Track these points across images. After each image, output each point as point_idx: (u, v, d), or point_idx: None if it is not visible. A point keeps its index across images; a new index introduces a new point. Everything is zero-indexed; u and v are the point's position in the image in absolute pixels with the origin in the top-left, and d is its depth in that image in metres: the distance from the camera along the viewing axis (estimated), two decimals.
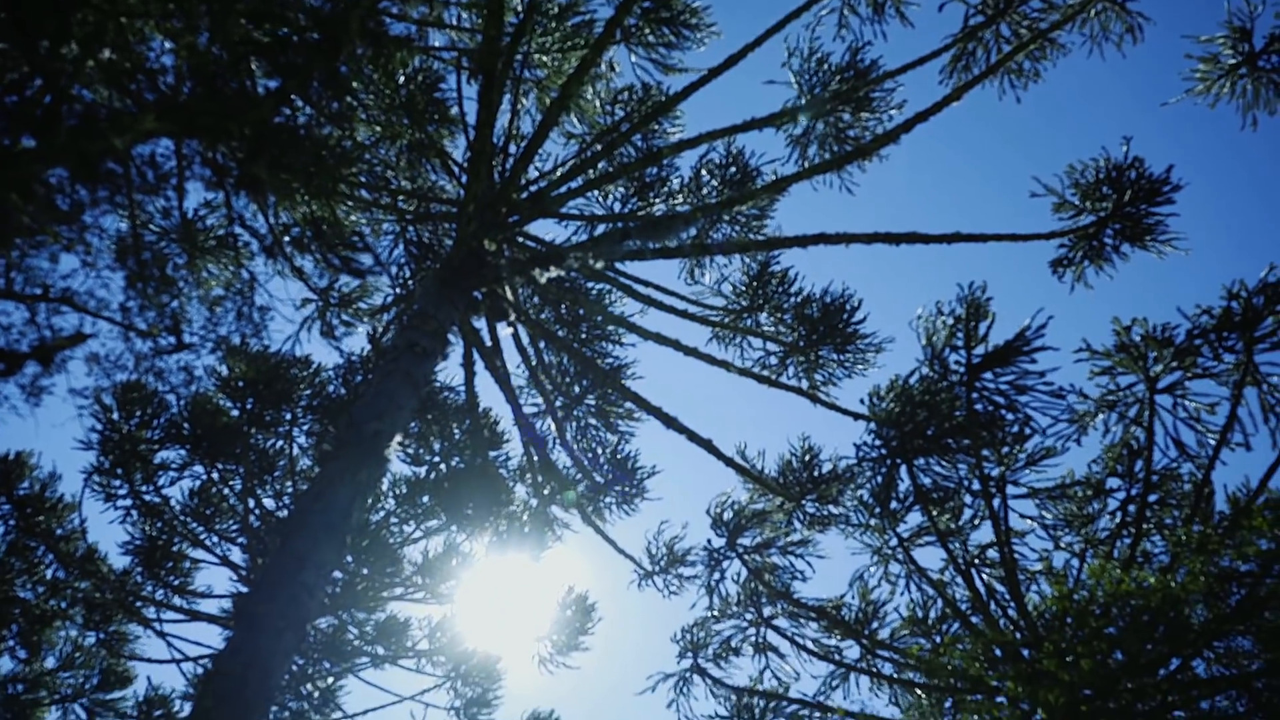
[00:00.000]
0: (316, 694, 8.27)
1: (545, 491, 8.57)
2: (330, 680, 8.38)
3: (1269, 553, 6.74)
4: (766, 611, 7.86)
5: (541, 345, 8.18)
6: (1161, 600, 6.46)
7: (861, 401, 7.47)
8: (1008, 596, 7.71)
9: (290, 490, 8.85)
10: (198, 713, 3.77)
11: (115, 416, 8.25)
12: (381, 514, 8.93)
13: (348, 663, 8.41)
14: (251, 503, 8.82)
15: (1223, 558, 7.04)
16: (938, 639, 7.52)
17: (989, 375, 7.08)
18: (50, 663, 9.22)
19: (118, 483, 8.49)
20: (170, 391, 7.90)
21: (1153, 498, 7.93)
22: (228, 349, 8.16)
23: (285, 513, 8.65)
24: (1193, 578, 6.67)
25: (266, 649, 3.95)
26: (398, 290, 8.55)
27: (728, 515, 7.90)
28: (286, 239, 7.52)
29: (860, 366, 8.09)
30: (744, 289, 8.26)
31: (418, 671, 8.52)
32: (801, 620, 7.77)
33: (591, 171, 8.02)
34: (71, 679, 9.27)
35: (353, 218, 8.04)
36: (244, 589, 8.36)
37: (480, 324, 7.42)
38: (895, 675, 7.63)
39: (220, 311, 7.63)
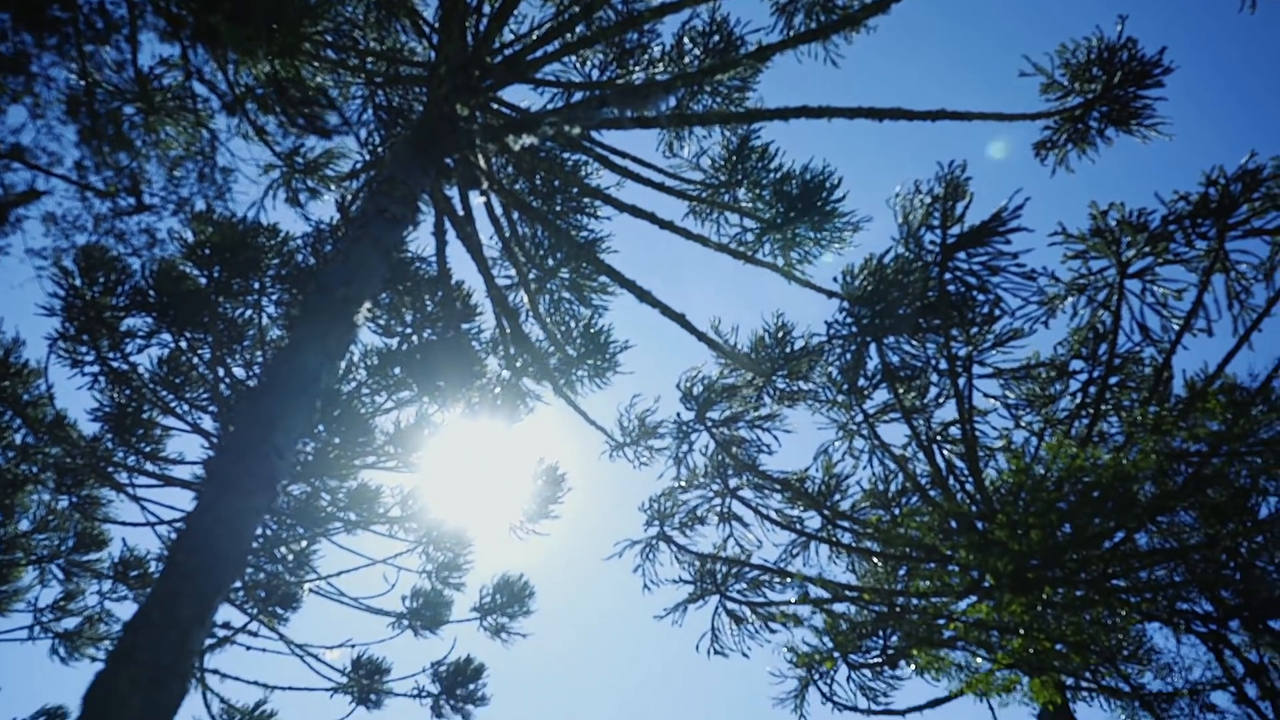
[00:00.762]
0: (290, 557, 8.45)
1: (518, 364, 8.59)
2: (304, 544, 8.54)
3: (1218, 434, 6.96)
4: (732, 483, 8.06)
5: (515, 216, 8.04)
6: (1113, 477, 6.67)
7: (835, 280, 7.48)
8: (966, 472, 7.95)
9: (260, 360, 8.79)
10: (171, 568, 3.82)
11: (78, 282, 8.06)
12: (353, 384, 8.92)
13: (320, 528, 8.54)
14: (221, 372, 8.76)
15: (1174, 439, 7.26)
16: (896, 511, 7.78)
17: (962, 255, 7.07)
18: (24, 525, 9.33)
19: (84, 349, 8.36)
20: (133, 255, 7.70)
21: (1114, 380, 8.11)
22: (192, 213, 7.95)
23: (255, 382, 8.62)
24: (1144, 456, 6.89)
25: (237, 508, 3.98)
26: (366, 156, 8.30)
27: (698, 389, 7.99)
28: (249, 102, 7.23)
29: (837, 245, 8.04)
30: (723, 163, 8.10)
31: (390, 537, 8.70)
32: (766, 491, 7.99)
33: (569, 35, 7.70)
34: (47, 541, 9.40)
35: (319, 79, 7.72)
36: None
37: (452, 192, 7.25)
38: (854, 544, 7.91)
39: (181, 173, 7.38)
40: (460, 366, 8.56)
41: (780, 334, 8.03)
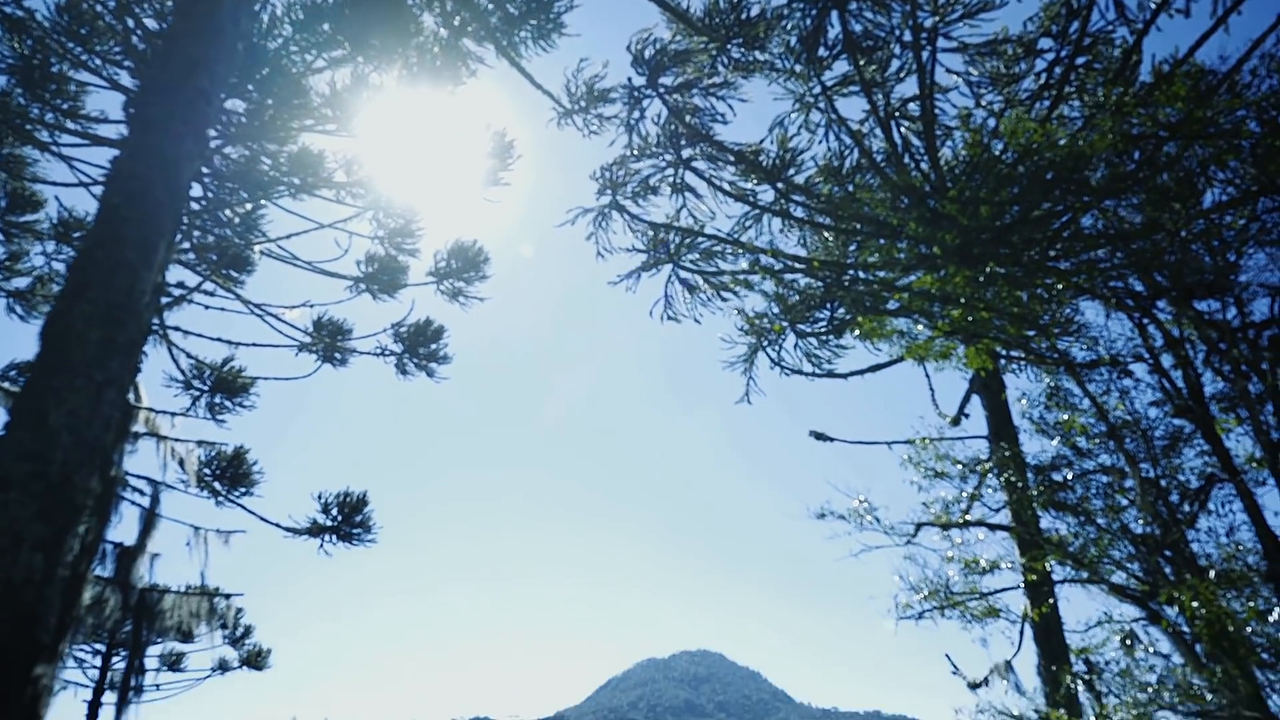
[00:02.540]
0: (237, 220, 8.27)
1: (455, 22, 7.96)
2: (249, 207, 8.34)
3: (1178, 124, 6.89)
4: (685, 153, 7.89)
5: None
6: (1067, 156, 6.67)
7: None
8: (922, 150, 7.88)
9: (171, 7, 8.01)
10: (107, 211, 3.69)
11: None
12: (279, 40, 8.24)
13: (264, 192, 8.30)
14: (131, 23, 7.99)
15: (1134, 124, 7.19)
16: (850, 186, 7.78)
17: None
18: None
19: None
20: None
21: (1081, 61, 7.85)
22: None
23: (170, 28, 7.90)
24: (1101, 138, 6.85)
25: (168, 152, 3.79)
26: None
27: (649, 53, 7.55)
28: None
29: None
30: None
31: (337, 203, 8.49)
32: (720, 163, 7.86)
33: None
34: None
35: None
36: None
37: None
38: (807, 218, 7.98)
39: None
40: (393, 22, 7.90)
41: None
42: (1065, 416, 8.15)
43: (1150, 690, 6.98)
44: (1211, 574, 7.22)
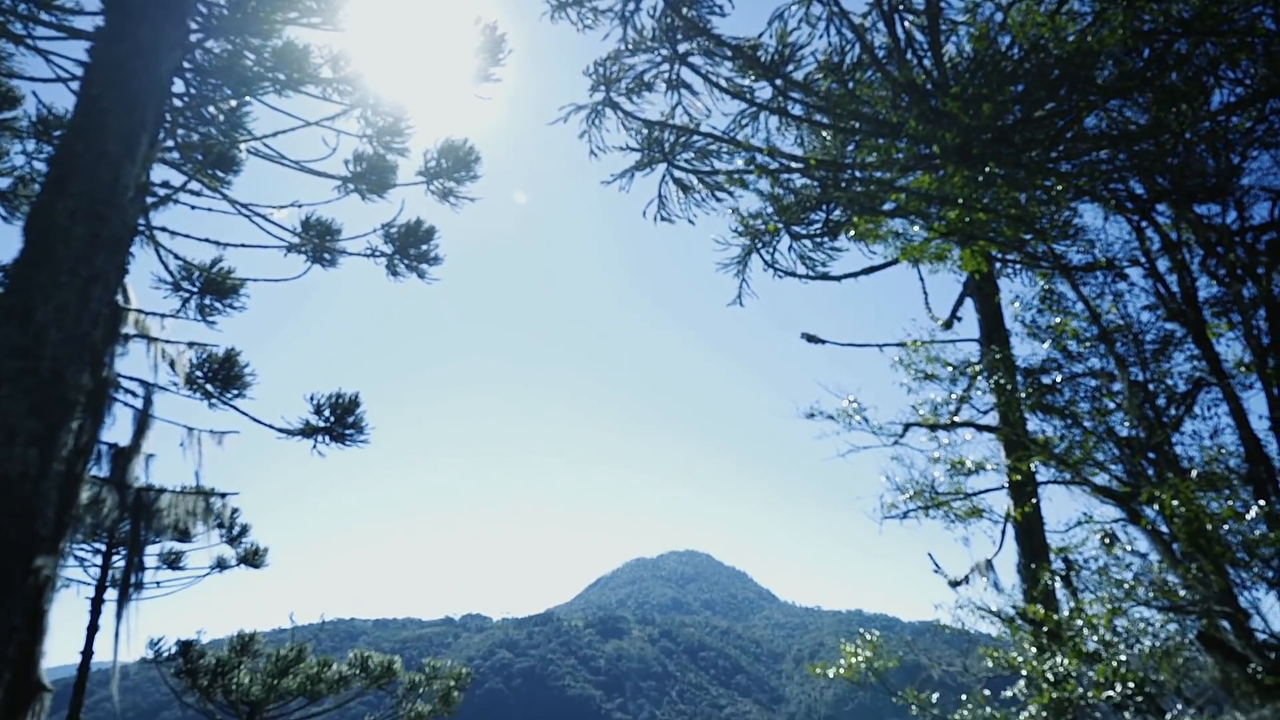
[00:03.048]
0: (221, 117, 8.05)
1: None
2: (233, 104, 8.10)
3: (1191, 19, 6.68)
4: (682, 48, 7.63)
5: None
6: (1075, 53, 6.48)
7: None
8: (926, 46, 7.65)
9: None
10: (85, 104, 3.59)
11: None
12: None
13: (248, 88, 8.05)
14: None
15: (1146, 20, 6.97)
16: (850, 83, 7.57)
17: None
18: None
19: None
20: None
21: None
22: None
23: None
24: (1111, 33, 6.64)
25: (147, 40, 3.65)
26: None
27: None
28: None
29: None
30: None
31: (324, 99, 8.25)
32: (717, 58, 7.62)
33: None
34: None
35: None
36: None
37: None
38: (805, 116, 7.79)
39: None
40: None
41: None
42: (1057, 320, 8.16)
43: (1125, 586, 7.19)
44: (1194, 474, 7.36)
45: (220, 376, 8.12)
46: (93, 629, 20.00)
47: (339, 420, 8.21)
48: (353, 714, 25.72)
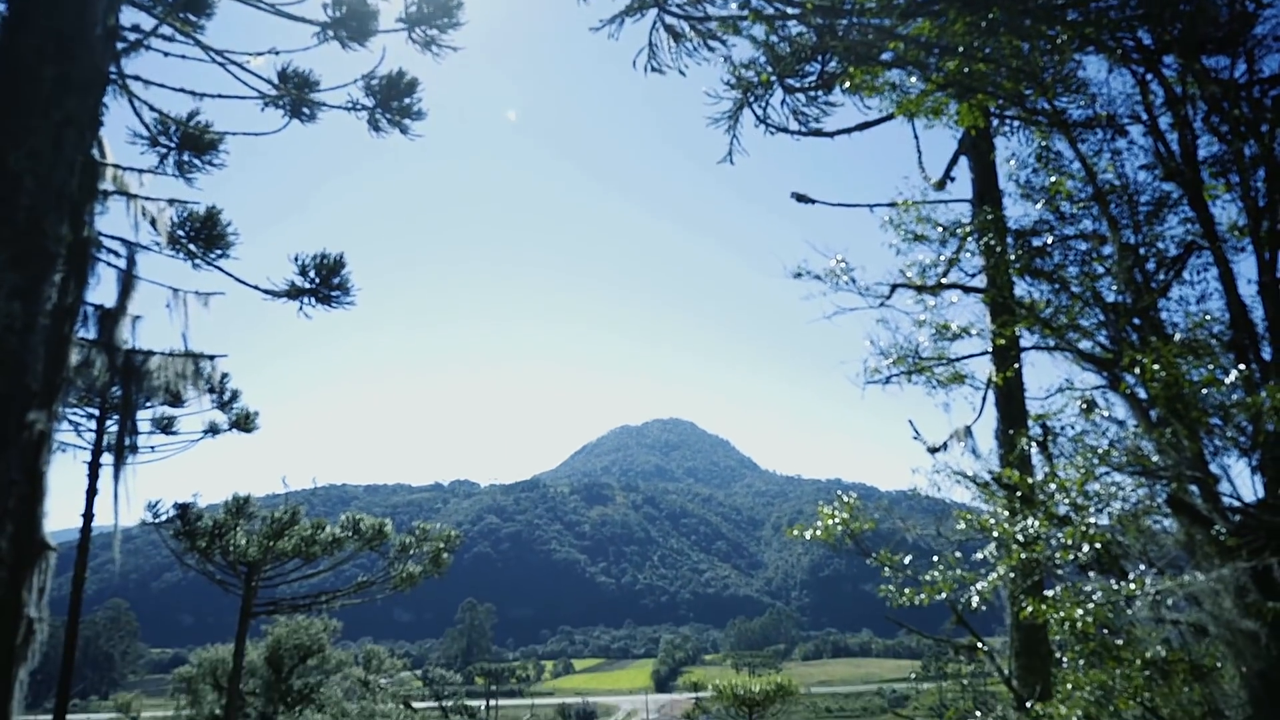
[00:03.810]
0: None
1: None
2: None
3: None
4: None
5: None
6: None
7: None
8: None
9: None
10: None
11: None
12: None
13: None
14: None
15: None
16: None
17: None
18: None
19: None
20: None
21: None
22: None
23: None
24: None
25: None
26: None
27: None
28: None
29: None
30: None
31: None
32: None
33: None
34: None
35: None
36: None
37: None
38: None
39: None
40: None
41: None
42: (1053, 179, 8.05)
43: (1100, 452, 7.35)
44: (1177, 337, 7.44)
45: (203, 236, 7.97)
46: (91, 493, 20.43)
47: (324, 281, 8.13)
48: (347, 576, 26.64)
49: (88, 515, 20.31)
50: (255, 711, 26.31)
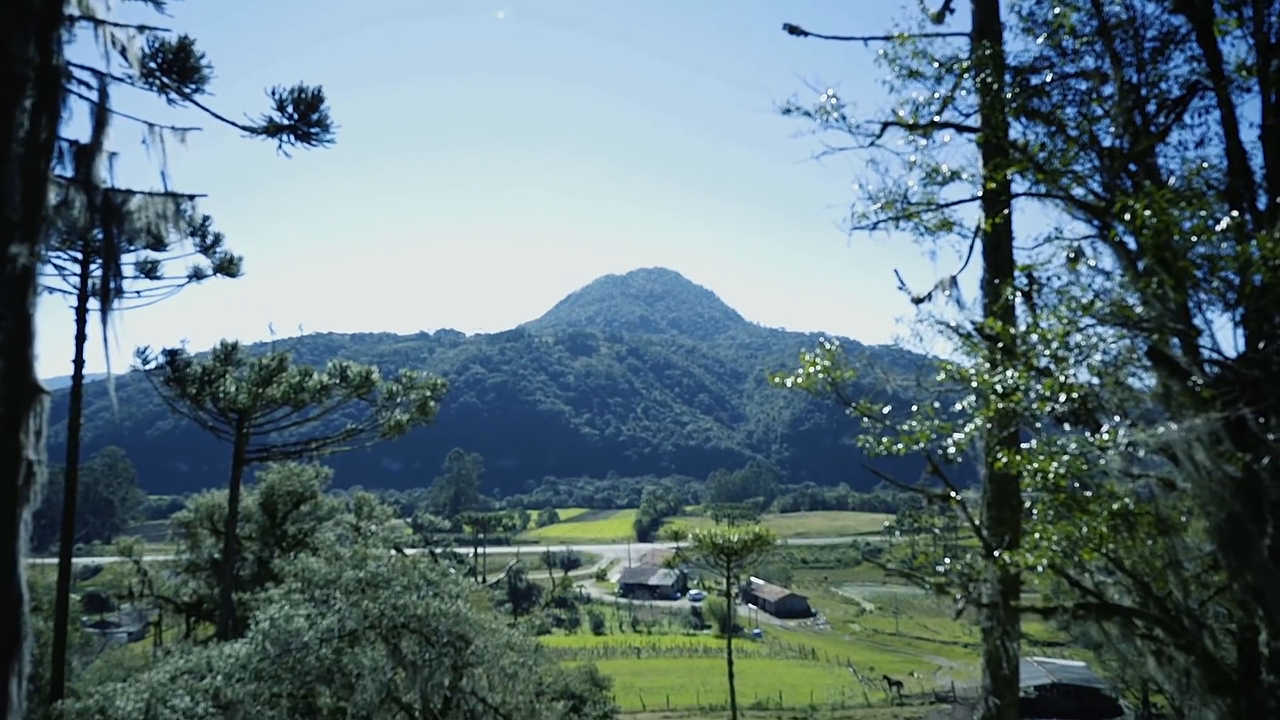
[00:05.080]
0: None
1: None
2: None
3: None
4: None
5: None
6: None
7: None
8: None
9: None
10: None
11: None
12: None
13: None
14: None
15: None
16: None
17: None
18: None
19: None
20: None
21: None
22: None
23: None
24: None
25: None
26: None
27: None
28: None
29: None
30: None
31: None
32: None
33: None
34: None
35: None
36: None
37: None
38: None
39: None
40: None
41: None
42: (1058, 10, 7.71)
43: (1084, 303, 7.35)
44: (1171, 180, 7.36)
45: (176, 68, 7.66)
46: (80, 338, 20.43)
47: (303, 117, 7.89)
48: (336, 425, 27.08)
49: (78, 361, 20.39)
50: (252, 555, 27.29)
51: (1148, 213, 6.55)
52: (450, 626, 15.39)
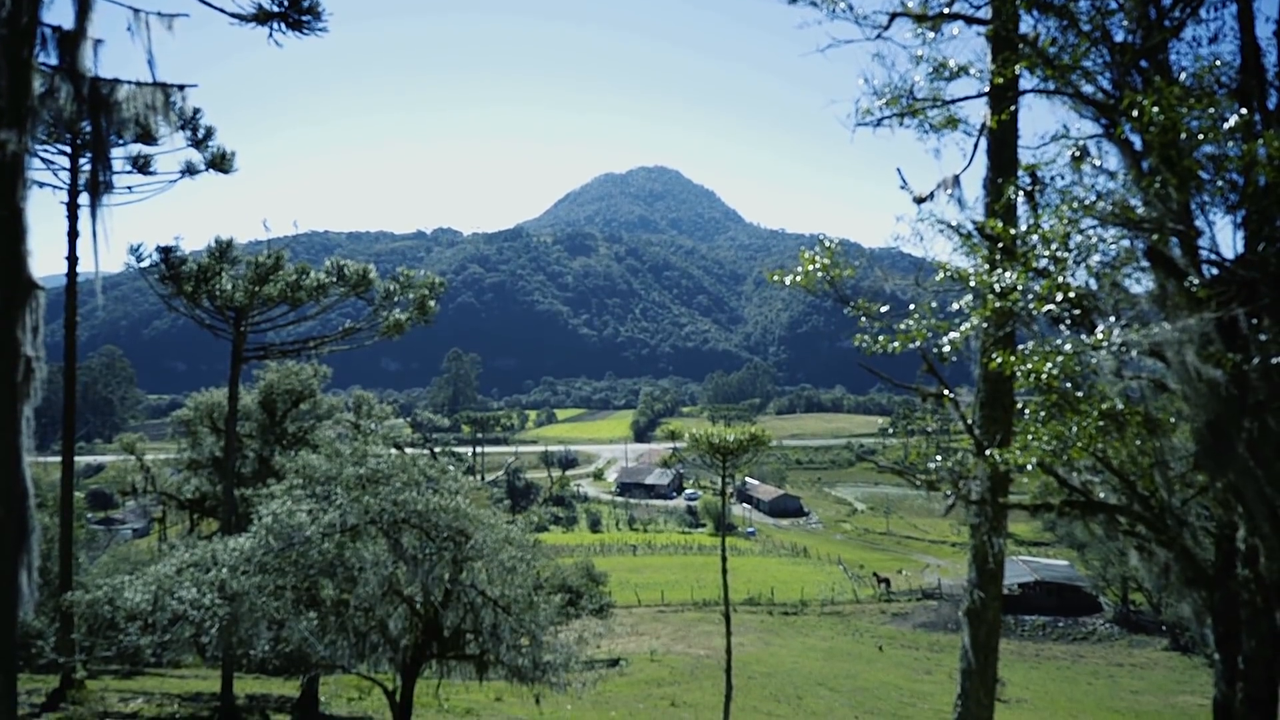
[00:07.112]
0: None
1: None
2: None
3: None
4: None
5: None
6: None
7: None
8: None
9: None
10: None
11: None
12: None
13: None
14: None
15: None
16: None
17: None
18: None
19: None
20: None
21: None
22: None
23: None
24: None
25: None
26: None
27: None
28: None
29: None
30: None
31: None
32: None
33: None
34: None
35: None
36: None
37: None
38: None
39: None
40: None
41: None
42: None
43: (1086, 204, 7.28)
44: (1183, 77, 7.22)
45: None
46: (73, 234, 20.27)
47: (294, 4, 7.66)
48: (333, 324, 27.08)
49: (71, 259, 20.27)
50: (253, 453, 27.68)
51: (1155, 110, 6.45)
52: (450, 522, 15.75)
